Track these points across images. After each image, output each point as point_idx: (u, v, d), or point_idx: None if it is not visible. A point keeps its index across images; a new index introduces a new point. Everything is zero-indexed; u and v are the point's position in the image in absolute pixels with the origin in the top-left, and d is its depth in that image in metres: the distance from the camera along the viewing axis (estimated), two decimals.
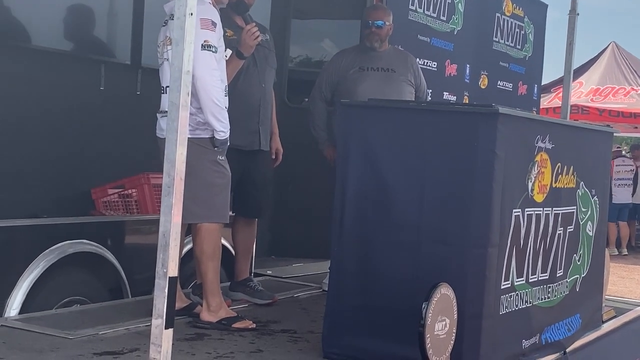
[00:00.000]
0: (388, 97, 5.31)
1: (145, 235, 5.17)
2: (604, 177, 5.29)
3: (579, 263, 4.82)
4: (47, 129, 5.19)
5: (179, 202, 3.01)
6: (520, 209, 3.97)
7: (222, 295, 4.57)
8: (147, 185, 5.44)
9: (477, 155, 3.71)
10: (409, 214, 3.80)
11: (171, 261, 2.98)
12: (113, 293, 5.00)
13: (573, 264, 4.73)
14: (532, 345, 4.23)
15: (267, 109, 5.17)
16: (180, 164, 3.02)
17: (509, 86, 8.98)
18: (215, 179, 4.39)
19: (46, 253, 4.55)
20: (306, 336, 4.38)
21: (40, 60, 5.16)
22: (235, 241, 5.30)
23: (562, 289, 4.60)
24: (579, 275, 4.85)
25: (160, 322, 2.97)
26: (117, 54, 5.74)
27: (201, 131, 4.32)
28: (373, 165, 3.90)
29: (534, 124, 4.23)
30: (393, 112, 4.07)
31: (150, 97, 4.82)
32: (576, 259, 4.77)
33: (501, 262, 3.86)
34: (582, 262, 4.88)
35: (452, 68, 7.83)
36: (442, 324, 3.51)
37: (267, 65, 5.18)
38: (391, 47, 5.85)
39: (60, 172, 5.25)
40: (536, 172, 4.10)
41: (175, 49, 3.05)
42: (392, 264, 3.83)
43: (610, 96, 15.64)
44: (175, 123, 3.02)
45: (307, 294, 5.63)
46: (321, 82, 5.74)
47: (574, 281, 4.77)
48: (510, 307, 3.99)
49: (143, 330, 4.08)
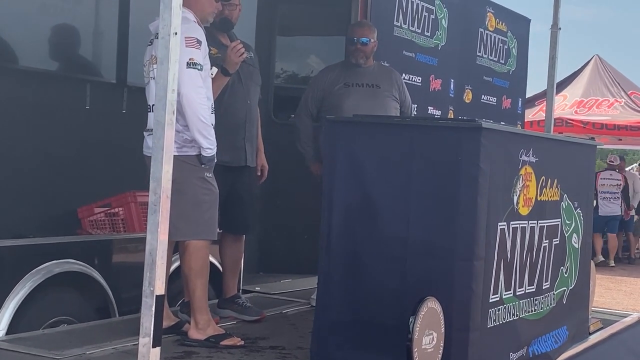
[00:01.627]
0: (373, 112, 5.34)
1: (132, 254, 5.16)
2: (588, 189, 5.33)
3: (566, 275, 4.85)
4: (33, 149, 5.18)
5: (165, 220, 3.02)
6: (506, 222, 4.00)
7: (210, 313, 4.57)
8: (134, 204, 5.43)
9: (461, 170, 3.73)
10: (396, 228, 3.82)
11: (158, 279, 2.99)
12: (100, 312, 4.98)
13: (560, 276, 4.76)
14: (520, 357, 4.24)
15: (252, 125, 5.19)
16: (167, 182, 3.03)
17: (493, 100, 9.03)
18: (203, 195, 4.40)
19: (33, 273, 4.53)
20: (295, 352, 4.37)
21: (25, 79, 5.17)
22: (223, 258, 5.30)
23: (548, 301, 4.62)
24: (567, 288, 4.87)
25: (148, 340, 2.97)
26: (103, 72, 5.76)
27: (188, 148, 4.34)
28: (359, 180, 3.92)
29: (518, 138, 4.27)
30: (378, 127, 4.09)
31: (136, 115, 4.83)
32: (563, 272, 4.80)
33: (489, 275, 3.88)
34: (570, 274, 4.91)
35: (436, 83, 7.87)
36: (429, 338, 3.52)
37: (252, 82, 5.21)
38: (376, 63, 5.88)
39: (46, 191, 5.24)
40: (521, 185, 4.13)
41: (160, 68, 3.07)
42: (379, 278, 3.85)
43: (594, 108, 15.71)
44: (160, 141, 3.03)
45: (295, 309, 5.63)
46: (307, 98, 5.77)
47: (561, 293, 4.80)
48: (498, 320, 4.00)
49: (131, 350, 4.06)
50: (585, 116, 15.37)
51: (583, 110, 15.67)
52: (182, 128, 4.27)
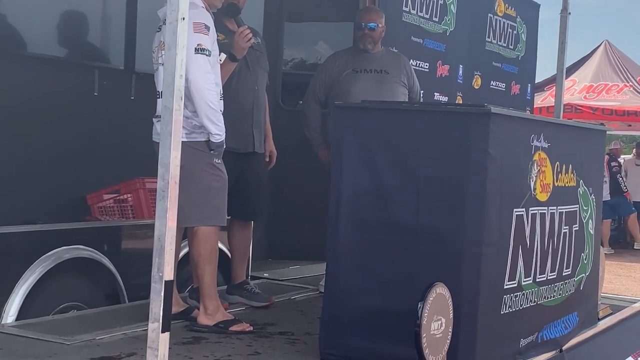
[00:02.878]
0: (381, 98, 5.33)
1: (141, 240, 5.17)
2: (599, 175, 5.32)
3: (585, 262, 4.84)
4: (42, 135, 5.19)
5: (173, 206, 3.02)
6: (524, 209, 3.98)
7: (219, 299, 4.58)
8: (143, 190, 5.44)
9: (470, 155, 3.72)
10: (404, 214, 3.81)
11: (167, 265, 2.99)
12: (110, 298, 5.00)
13: (581, 263, 4.75)
14: (530, 343, 4.24)
15: (260, 111, 5.18)
16: (175, 168, 3.02)
17: (502, 86, 9.00)
18: (212, 182, 4.40)
19: (42, 259, 4.55)
20: (303, 338, 4.38)
21: (34, 66, 5.17)
22: (232, 244, 5.31)
23: (568, 287, 4.61)
24: (584, 274, 4.86)
25: (157, 325, 2.98)
26: (111, 59, 5.75)
27: (197, 135, 4.33)
28: (368, 166, 3.91)
29: (527, 123, 4.25)
30: (387, 113, 4.08)
31: (144, 101, 4.84)
32: (583, 258, 4.79)
33: (504, 261, 3.87)
34: (588, 260, 4.90)
35: (443, 69, 7.84)
36: (438, 324, 3.52)
37: (260, 68, 5.20)
38: (384, 49, 5.87)
39: (55, 178, 5.25)
40: (536, 171, 4.11)
41: (168, 54, 3.06)
42: (388, 264, 3.84)
43: (603, 93, 15.63)
44: (168, 127, 3.03)
45: (304, 296, 5.64)
46: (315, 84, 5.76)
47: (580, 280, 4.79)
48: (514, 307, 3.99)
49: (140, 335, 4.08)
50: (594, 101, 15.30)
51: (592, 95, 15.59)
52: (190, 114, 4.27)
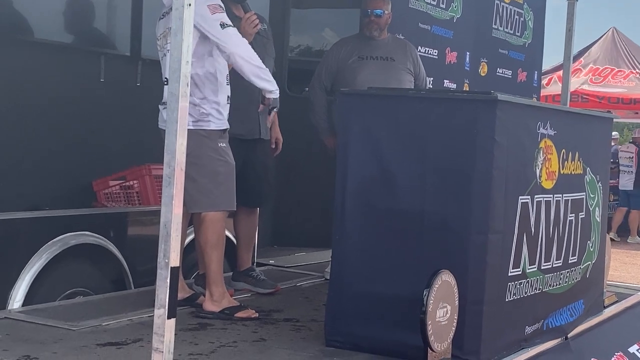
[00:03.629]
0: (387, 85, 5.32)
1: (147, 227, 5.18)
2: (606, 163, 5.30)
3: (592, 250, 4.83)
4: (48, 121, 5.20)
5: (179, 193, 3.02)
6: (529, 196, 3.98)
7: (225, 285, 4.58)
8: (149, 177, 5.45)
9: (476, 142, 3.71)
10: (411, 201, 3.81)
11: (173, 251, 2.99)
12: (115, 284, 5.02)
13: (587, 250, 4.74)
14: (535, 331, 4.24)
15: None
16: (181, 154, 3.02)
17: (509, 73, 8.97)
18: (219, 167, 4.41)
19: (49, 245, 4.57)
20: (309, 325, 4.39)
21: (40, 52, 5.17)
22: (237, 231, 5.31)
23: (574, 275, 4.60)
24: (591, 262, 4.86)
25: (163, 312, 2.98)
26: (117, 45, 5.75)
27: (204, 123, 4.34)
28: (374, 153, 3.91)
29: (534, 111, 4.23)
30: (393, 100, 4.07)
31: (151, 88, 4.83)
32: (589, 246, 4.78)
33: (508, 249, 3.87)
34: (594, 248, 4.89)
35: (452, 56, 7.82)
36: (443, 311, 3.52)
37: (266, 54, 5.19)
38: (390, 36, 5.85)
39: (61, 164, 5.26)
40: (542, 158, 4.10)
41: (174, 40, 3.05)
42: (394, 251, 3.84)
43: (609, 78, 15.55)
44: (174, 114, 3.02)
45: (309, 282, 5.64)
46: (321, 71, 5.75)
47: (586, 268, 4.78)
48: (518, 294, 3.99)
49: (146, 321, 4.09)
50: (600, 87, 15.23)
51: (598, 79, 15.52)
52: (199, 101, 4.28)
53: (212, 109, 4.37)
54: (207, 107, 4.32)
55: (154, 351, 2.98)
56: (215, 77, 4.38)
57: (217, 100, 4.39)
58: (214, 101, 4.38)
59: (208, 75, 4.35)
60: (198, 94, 4.25)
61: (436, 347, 3.50)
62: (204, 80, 4.34)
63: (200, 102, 4.28)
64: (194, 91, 4.24)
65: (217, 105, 4.39)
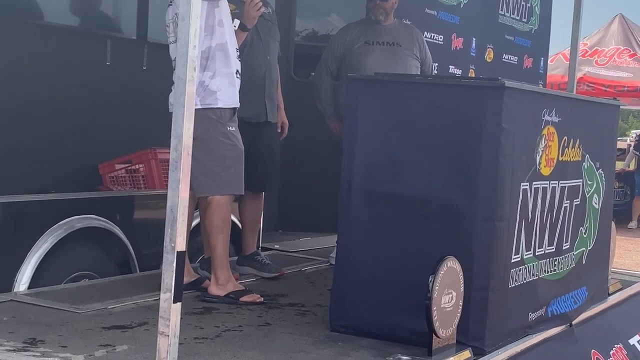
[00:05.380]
0: (394, 71, 5.32)
1: (153, 210, 5.20)
2: (611, 150, 5.29)
3: (585, 236, 4.83)
4: (54, 105, 5.19)
5: (186, 177, 3.02)
6: (529, 183, 3.98)
7: (230, 269, 4.59)
8: (154, 161, 5.45)
9: (483, 129, 3.70)
10: (417, 187, 3.80)
11: (179, 236, 2.99)
12: (121, 268, 5.03)
13: (579, 236, 4.74)
14: (539, 317, 4.25)
15: (272, 80, 5.17)
16: (187, 138, 3.02)
17: (514, 59, 8.95)
18: (227, 151, 4.41)
19: (54, 228, 4.58)
20: (314, 309, 4.40)
21: (46, 35, 5.16)
22: (243, 215, 5.32)
23: (568, 261, 4.61)
24: (585, 248, 4.86)
25: (169, 296, 2.99)
26: (123, 29, 5.74)
27: (211, 101, 4.33)
28: (380, 139, 3.90)
29: (541, 98, 4.23)
30: (399, 86, 4.06)
31: (157, 72, 4.83)
32: (582, 232, 4.78)
33: (511, 235, 3.87)
34: (589, 234, 4.89)
35: (458, 42, 7.80)
36: (448, 297, 3.53)
37: (271, 37, 5.18)
38: (397, 21, 5.83)
39: (67, 147, 5.26)
40: (543, 145, 4.10)
41: (182, 24, 3.04)
42: (400, 237, 3.84)
43: (615, 57, 15.48)
44: (181, 97, 3.02)
45: (314, 267, 5.65)
46: (327, 56, 5.74)
47: (580, 254, 4.78)
48: (519, 281, 4.00)
49: (151, 305, 4.10)
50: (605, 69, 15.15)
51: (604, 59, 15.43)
52: (208, 81, 4.28)
53: (223, 82, 4.36)
54: (216, 83, 4.31)
55: (160, 335, 2.99)
56: (226, 47, 4.37)
57: (230, 72, 4.39)
58: (226, 73, 4.37)
59: (219, 47, 4.34)
60: (209, 70, 4.25)
61: (441, 333, 3.51)
62: (216, 52, 4.33)
63: (210, 81, 4.28)
64: (205, 67, 4.24)
65: (229, 77, 4.38)
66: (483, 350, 3.73)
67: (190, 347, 3.54)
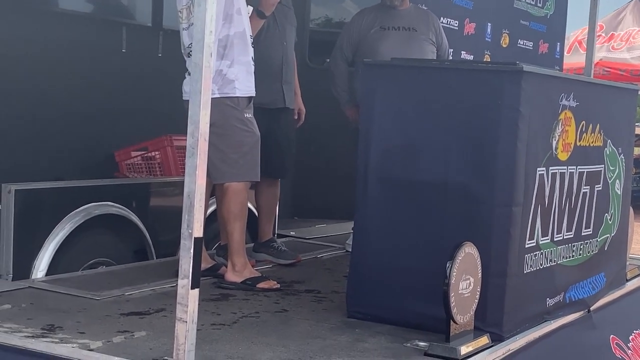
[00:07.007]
0: (410, 56, 5.29)
1: (169, 197, 5.20)
2: (630, 135, 5.24)
3: (610, 222, 4.80)
4: (70, 92, 5.20)
5: (203, 164, 3.01)
6: (545, 168, 3.95)
7: (246, 256, 4.59)
8: (170, 148, 5.46)
9: (501, 114, 3.68)
10: (434, 173, 3.78)
11: (196, 222, 2.99)
12: (138, 255, 5.05)
13: (604, 223, 4.71)
14: (557, 303, 4.22)
15: (289, 66, 5.16)
16: (204, 125, 3.01)
17: (530, 45, 8.90)
18: (244, 138, 4.40)
19: (72, 215, 4.59)
20: (330, 296, 4.40)
21: (61, 22, 5.17)
22: (259, 202, 5.32)
23: (590, 247, 4.58)
24: (609, 235, 4.83)
25: (187, 282, 2.99)
26: (139, 16, 5.74)
27: (229, 90, 4.32)
28: (396, 124, 3.88)
29: (558, 82, 4.19)
30: (416, 71, 4.03)
31: (172, 58, 4.82)
32: (607, 218, 4.75)
33: (526, 221, 3.84)
34: (613, 221, 4.86)
35: (470, 27, 7.76)
36: (466, 283, 3.51)
37: (288, 23, 5.16)
38: (412, 6, 5.80)
39: (83, 134, 5.27)
40: (560, 130, 4.07)
41: (198, 10, 3.02)
42: (417, 223, 3.83)
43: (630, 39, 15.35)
44: (198, 84, 3.01)
45: (330, 254, 5.65)
46: (342, 42, 5.71)
47: (604, 240, 4.75)
48: (534, 266, 3.98)
49: (169, 291, 4.11)
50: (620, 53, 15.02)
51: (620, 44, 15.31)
52: (226, 69, 4.26)
53: (241, 70, 4.35)
54: (234, 72, 4.30)
55: (178, 321, 2.99)
56: (244, 35, 4.36)
57: (248, 60, 4.37)
58: (244, 62, 4.36)
59: (237, 35, 4.33)
60: (227, 58, 4.24)
61: (459, 319, 3.50)
62: (234, 40, 4.31)
63: (228, 69, 4.27)
64: (223, 55, 4.23)
65: (247, 65, 4.37)
66: (501, 336, 3.72)
67: (208, 334, 3.54)
